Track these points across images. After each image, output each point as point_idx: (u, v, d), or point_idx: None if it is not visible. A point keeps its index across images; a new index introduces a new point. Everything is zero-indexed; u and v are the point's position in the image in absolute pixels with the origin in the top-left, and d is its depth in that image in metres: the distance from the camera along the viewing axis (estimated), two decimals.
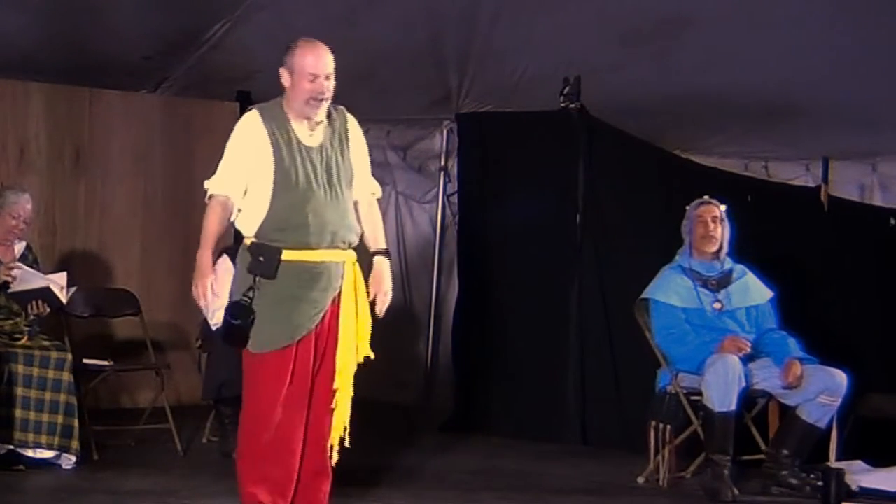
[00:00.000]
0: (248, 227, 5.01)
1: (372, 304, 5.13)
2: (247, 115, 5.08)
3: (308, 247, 4.95)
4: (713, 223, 6.67)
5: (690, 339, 6.51)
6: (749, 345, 6.43)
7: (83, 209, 8.79)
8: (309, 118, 5.01)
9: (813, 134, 7.94)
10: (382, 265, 5.14)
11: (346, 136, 5.11)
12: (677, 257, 6.76)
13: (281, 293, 4.93)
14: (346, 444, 5.10)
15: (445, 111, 9.16)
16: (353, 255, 5.09)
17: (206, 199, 5.03)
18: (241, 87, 9.07)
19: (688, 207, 6.78)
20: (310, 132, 5.03)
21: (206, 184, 5.05)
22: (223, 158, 5.03)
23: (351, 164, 5.10)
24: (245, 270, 4.99)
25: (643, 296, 6.72)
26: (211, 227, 5.00)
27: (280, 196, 4.93)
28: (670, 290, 6.64)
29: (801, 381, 6.36)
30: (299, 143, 4.99)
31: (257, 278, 4.93)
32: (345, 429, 5.08)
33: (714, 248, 6.69)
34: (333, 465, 5.10)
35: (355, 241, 5.11)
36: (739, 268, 6.74)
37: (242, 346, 4.98)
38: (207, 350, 7.20)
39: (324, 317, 5.01)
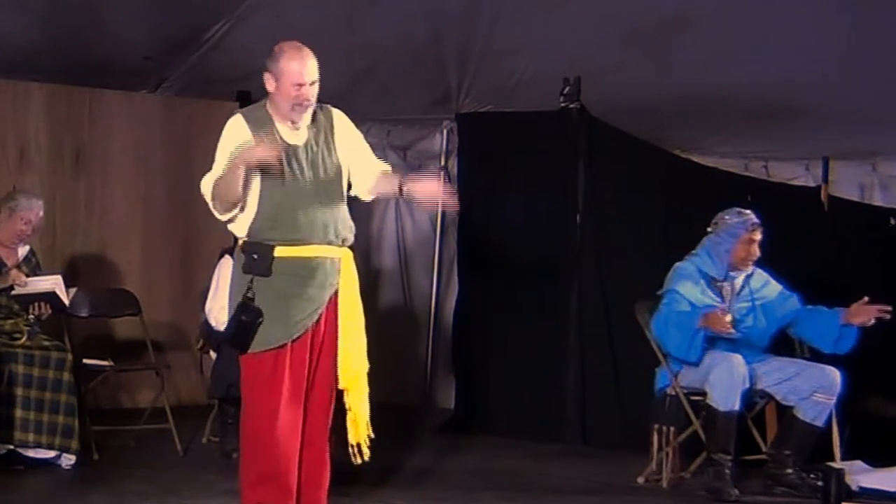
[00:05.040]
0: (240, 227, 5.01)
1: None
2: (231, 118, 5.07)
3: (300, 242, 4.96)
4: (757, 244, 6.55)
5: (688, 327, 6.40)
6: (730, 325, 6.29)
7: (83, 209, 8.79)
8: (288, 121, 5.01)
9: (813, 134, 7.94)
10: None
11: (332, 134, 5.11)
12: (694, 257, 6.65)
13: (277, 291, 4.93)
14: (367, 444, 5.11)
15: (445, 111, 9.16)
16: (349, 252, 5.09)
17: (211, 203, 5.01)
18: (241, 87, 9.06)
19: (729, 219, 6.58)
20: (294, 131, 5.03)
21: (202, 187, 5.03)
22: (214, 164, 5.03)
23: (339, 159, 5.09)
24: (241, 271, 4.98)
25: (665, 288, 6.63)
26: (220, 175, 4.92)
27: (268, 194, 4.92)
28: (685, 287, 6.56)
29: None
30: (284, 142, 4.98)
31: (253, 277, 4.93)
32: (367, 425, 5.12)
33: (751, 269, 6.64)
34: (358, 465, 5.11)
35: (350, 237, 5.09)
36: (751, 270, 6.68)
37: (246, 349, 4.94)
38: (211, 350, 7.20)
39: (321, 314, 5.01)
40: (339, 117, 5.17)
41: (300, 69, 4.94)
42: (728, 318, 6.29)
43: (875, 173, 8.16)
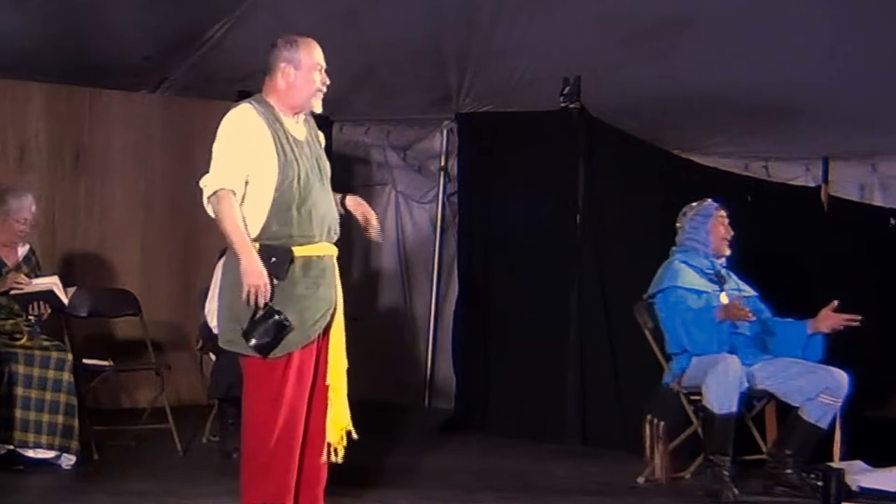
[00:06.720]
0: (251, 225, 4.86)
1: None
2: (240, 108, 4.93)
3: (312, 241, 4.91)
4: (728, 224, 6.67)
5: (710, 323, 6.43)
6: (750, 312, 6.35)
7: (83, 209, 8.79)
8: (299, 112, 4.97)
9: (813, 134, 7.96)
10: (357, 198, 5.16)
11: (318, 131, 5.12)
12: (676, 254, 6.72)
13: (291, 293, 4.86)
14: (345, 442, 5.07)
15: (445, 111, 9.17)
16: (336, 248, 5.07)
17: (208, 198, 4.86)
18: (241, 87, 9.02)
19: (696, 206, 6.71)
20: (296, 126, 4.99)
21: (205, 181, 4.87)
22: (218, 154, 4.88)
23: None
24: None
25: (658, 288, 6.65)
26: (238, 227, 4.79)
27: (284, 190, 4.85)
28: (683, 279, 6.59)
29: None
30: (291, 136, 4.95)
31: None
32: (346, 427, 5.06)
33: (729, 251, 6.70)
34: (336, 463, 5.06)
35: (338, 232, 5.08)
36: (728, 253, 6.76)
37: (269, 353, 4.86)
38: (210, 351, 7.19)
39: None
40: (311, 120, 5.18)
41: (320, 55, 4.97)
42: (746, 309, 6.35)
43: (875, 173, 8.17)
